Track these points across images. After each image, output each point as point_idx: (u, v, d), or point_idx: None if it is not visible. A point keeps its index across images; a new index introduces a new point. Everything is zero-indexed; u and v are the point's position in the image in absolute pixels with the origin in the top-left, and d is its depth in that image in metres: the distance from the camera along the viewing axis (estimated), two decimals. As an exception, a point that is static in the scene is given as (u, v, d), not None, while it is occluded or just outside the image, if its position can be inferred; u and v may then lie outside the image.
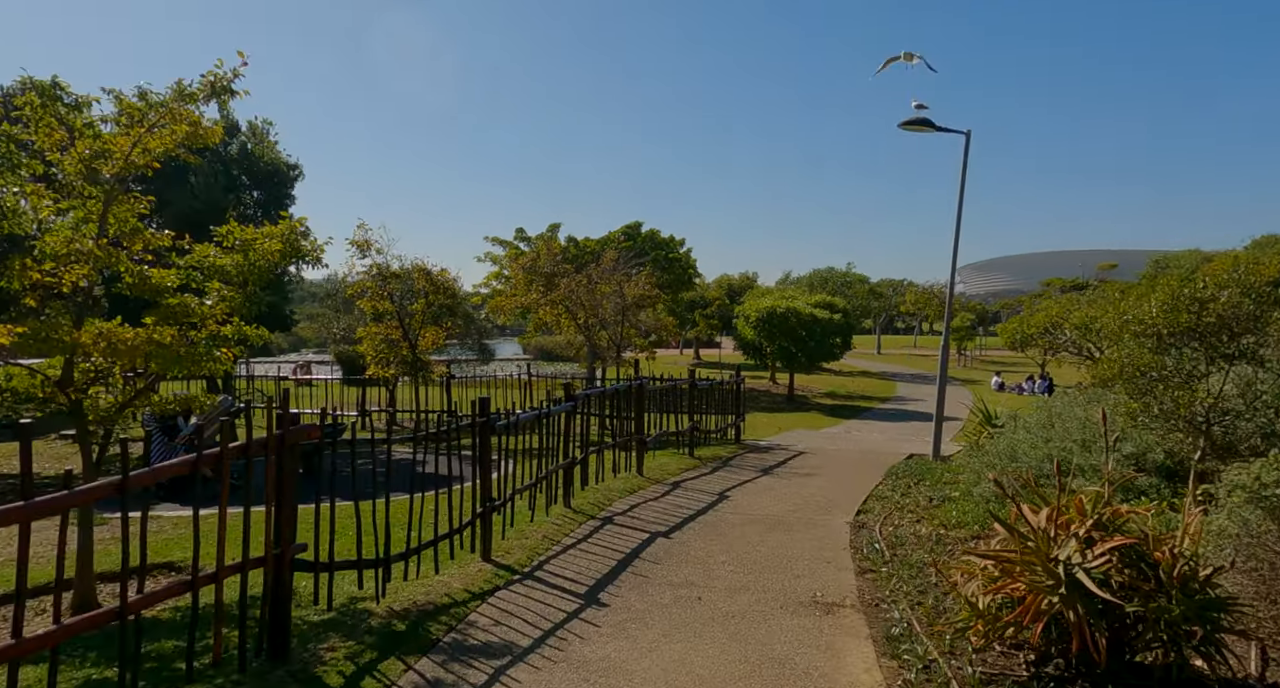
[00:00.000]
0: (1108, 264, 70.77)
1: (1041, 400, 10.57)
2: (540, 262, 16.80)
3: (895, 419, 21.28)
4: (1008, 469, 8.26)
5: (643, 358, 20.36)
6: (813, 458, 12.90)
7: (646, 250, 28.60)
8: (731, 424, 14.53)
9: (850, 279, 52.43)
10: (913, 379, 37.10)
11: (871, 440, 16.08)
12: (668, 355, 54.11)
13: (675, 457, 12.35)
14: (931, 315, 54.43)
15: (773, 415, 21.62)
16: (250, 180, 12.87)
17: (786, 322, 23.46)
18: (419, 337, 14.89)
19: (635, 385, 10.59)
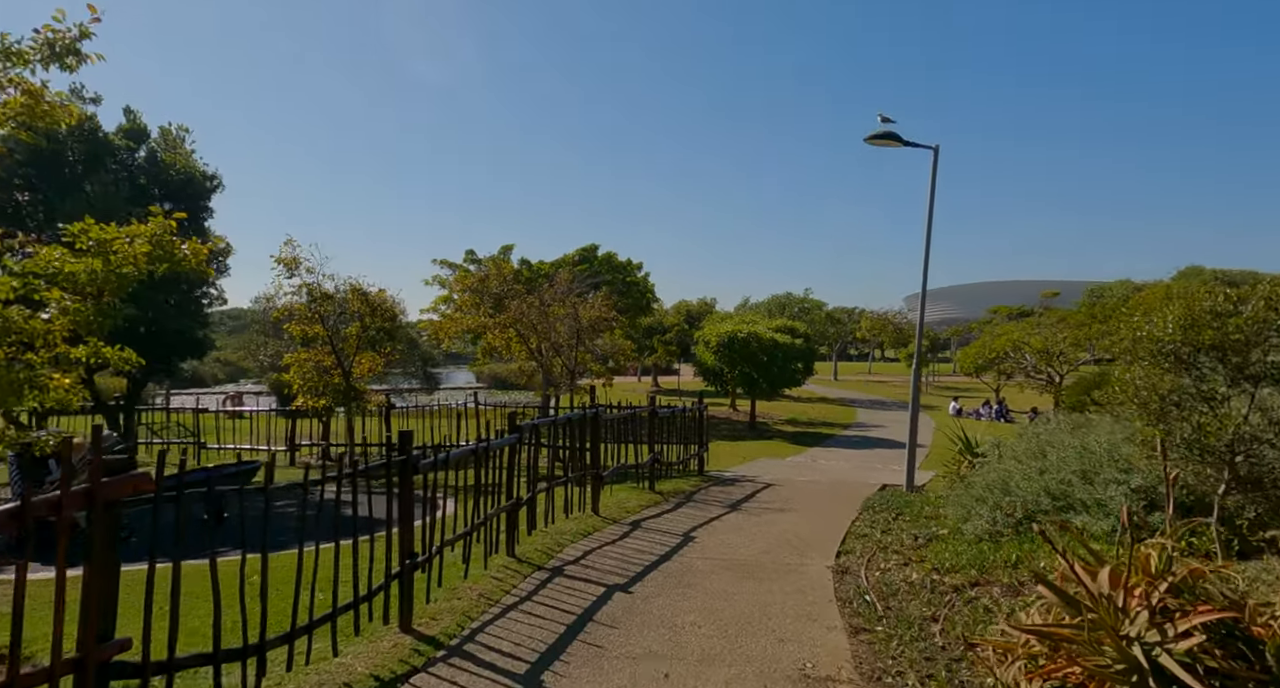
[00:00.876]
0: (1051, 292, 72.39)
1: (1024, 427, 9.88)
2: (490, 282, 15.79)
3: (859, 447, 20.61)
4: (1000, 504, 7.47)
5: (599, 385, 19.39)
6: (782, 490, 12.02)
7: (603, 274, 27.74)
8: (694, 455, 13.61)
9: (808, 305, 52.34)
10: (871, 405, 36.79)
11: (839, 470, 15.31)
12: (626, 383, 53.09)
13: (635, 492, 11.35)
14: (886, 342, 54.65)
15: (735, 444, 20.76)
16: (160, 191, 11.67)
17: (748, 347, 22.74)
18: (354, 363, 13.69)
19: (590, 414, 9.61)
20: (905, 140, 11.70)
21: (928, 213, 11.83)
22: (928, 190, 11.83)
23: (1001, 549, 6.83)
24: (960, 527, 7.89)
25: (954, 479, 9.86)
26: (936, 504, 9.94)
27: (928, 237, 11.87)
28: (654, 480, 11.67)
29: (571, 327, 14.11)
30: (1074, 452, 7.36)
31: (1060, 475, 7.08)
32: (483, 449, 6.57)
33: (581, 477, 9.34)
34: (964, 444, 10.00)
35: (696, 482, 12.79)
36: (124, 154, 12.02)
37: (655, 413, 11.62)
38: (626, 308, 29.17)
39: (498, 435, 7.28)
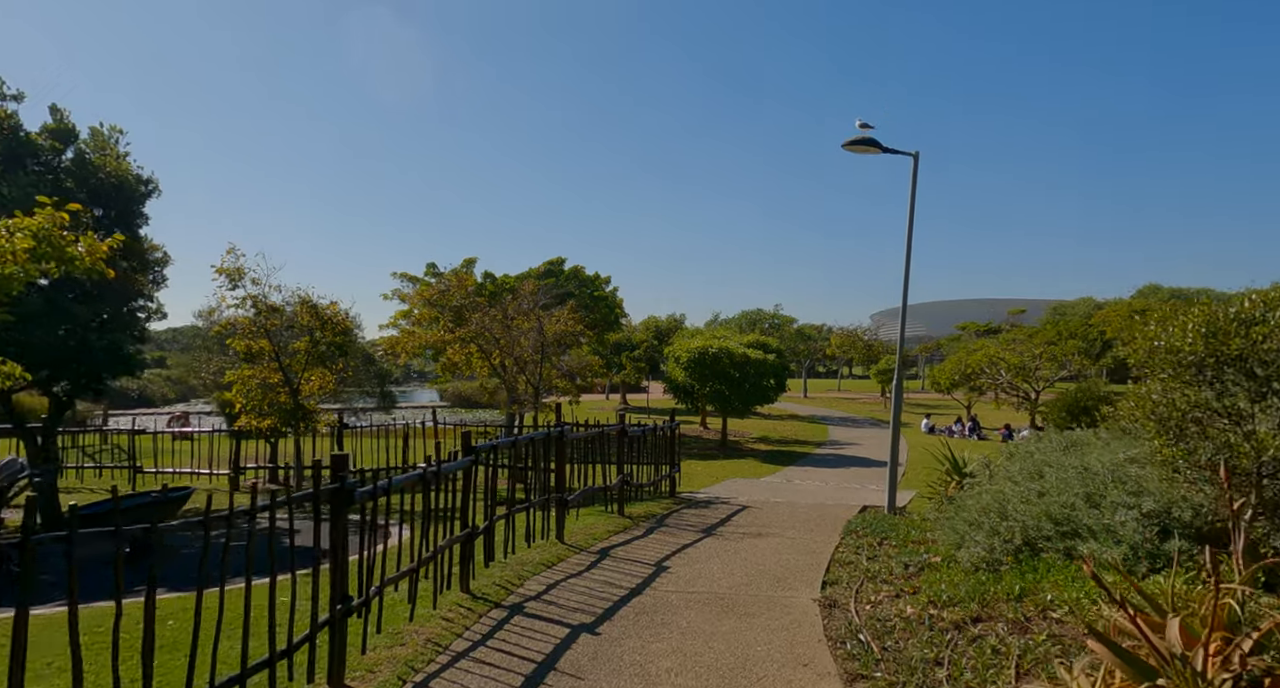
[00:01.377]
0: (1017, 310, 73.41)
1: (1014, 445, 9.39)
2: (451, 296, 15.01)
3: (835, 465, 20.11)
4: (998, 529, 6.92)
5: (566, 402, 18.64)
6: (758, 513, 11.39)
7: (570, 287, 27.07)
8: (666, 476, 12.94)
9: (778, 320, 52.13)
10: (842, 422, 36.47)
11: (816, 491, 14.74)
12: (593, 400, 52.27)
13: (603, 516, 10.64)
14: (856, 358, 54.70)
15: (707, 463, 20.13)
16: (87, 194, 10.74)
17: (719, 363, 22.19)
18: (302, 380, 12.80)
19: (554, 434, 8.91)
20: (885, 147, 11.30)
21: (908, 221, 11.41)
22: (908, 198, 11.42)
23: (1002, 580, 6.26)
24: (954, 554, 7.32)
25: (941, 501, 9.32)
26: (924, 528, 9.40)
27: (908, 246, 11.43)
28: (623, 504, 10.98)
29: (536, 341, 13.38)
30: (1075, 473, 6.85)
31: (1063, 498, 6.55)
32: (431, 474, 5.84)
33: (545, 501, 8.61)
34: (951, 464, 9.49)
35: (668, 504, 12.12)
36: (48, 155, 11.07)
37: (625, 432, 10.95)
38: (594, 323, 28.50)
39: (450, 458, 6.55)
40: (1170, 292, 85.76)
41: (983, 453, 10.47)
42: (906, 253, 11.44)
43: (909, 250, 11.45)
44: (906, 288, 11.50)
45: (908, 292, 11.52)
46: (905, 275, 11.41)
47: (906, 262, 11.44)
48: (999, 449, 10.73)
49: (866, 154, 11.55)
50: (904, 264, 11.44)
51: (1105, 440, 7.73)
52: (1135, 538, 5.71)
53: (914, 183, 11.43)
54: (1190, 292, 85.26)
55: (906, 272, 11.41)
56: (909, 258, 11.45)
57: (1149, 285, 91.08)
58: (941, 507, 9.15)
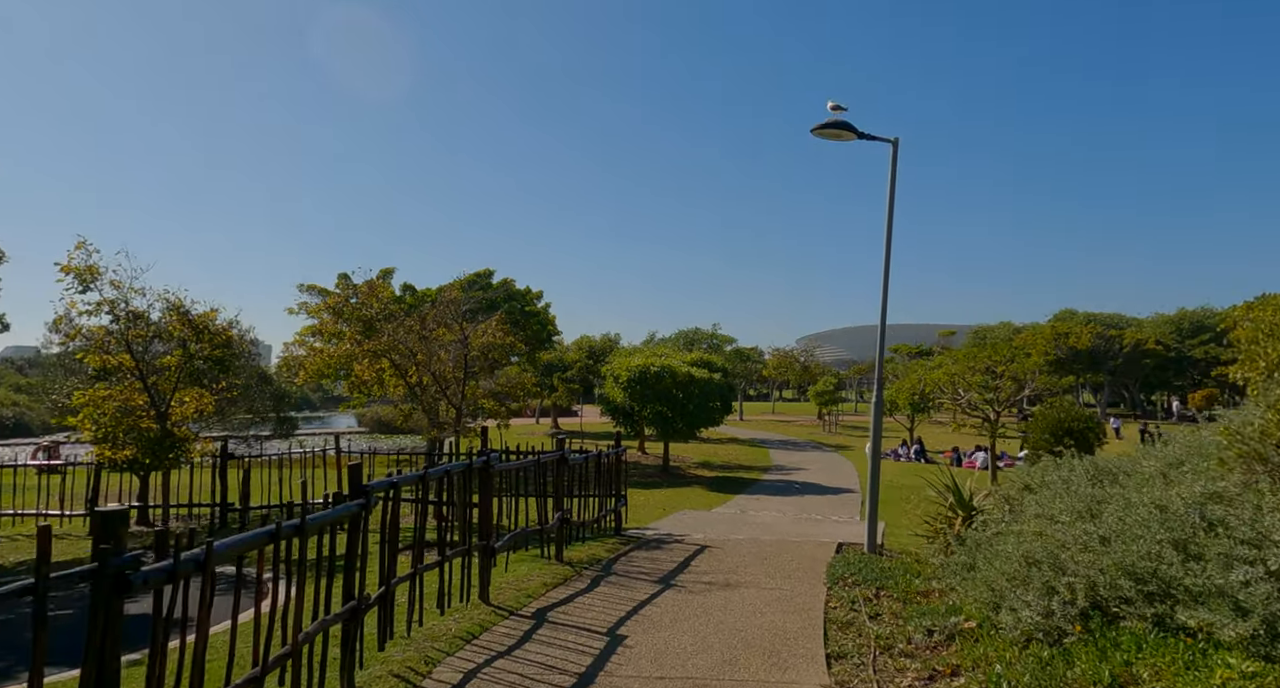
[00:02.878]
0: (948, 331, 74.72)
1: (1028, 475, 7.98)
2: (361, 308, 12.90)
3: (786, 493, 18.65)
4: (1054, 586, 5.40)
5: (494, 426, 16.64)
6: (721, 555, 9.71)
7: (499, 302, 25.09)
8: (610, 510, 11.13)
9: (717, 340, 50.96)
10: (783, 446, 35.37)
11: (776, 523, 13.17)
12: (522, 425, 49.83)
13: (538, 564, 8.75)
14: (792, 380, 54.00)
15: (650, 492, 18.37)
16: None
17: (661, 382, 20.55)
18: (172, 402, 10.49)
19: (478, 464, 7.04)
20: (860, 132, 9.96)
21: (888, 215, 10.07)
22: (887, 189, 10.07)
23: (1076, 661, 4.71)
24: (991, 617, 5.77)
25: (944, 541, 7.82)
26: (925, 574, 7.88)
27: (887, 243, 10.08)
28: (562, 547, 9.12)
29: (458, 355, 11.43)
30: (1148, 512, 5.39)
31: (1140, 547, 5.07)
32: (289, 531, 3.93)
33: (465, 551, 6.71)
34: (955, 497, 8.02)
35: (615, 545, 10.31)
36: None
37: (565, 459, 9.13)
38: (526, 340, 26.58)
39: (326, 503, 4.64)
40: (1085, 316, 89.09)
41: (975, 484, 9.06)
42: (886, 250, 10.08)
43: (888, 248, 10.10)
44: (886, 285, 10.12)
45: (887, 291, 10.13)
46: (885, 272, 10.05)
47: (886, 260, 10.08)
48: (976, 476, 9.34)
49: (838, 141, 10.19)
50: (883, 262, 10.08)
51: (1159, 471, 6.36)
52: (1270, 608, 4.24)
53: (894, 172, 10.11)
54: (1104, 316, 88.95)
55: (886, 269, 10.05)
56: (888, 257, 10.10)
57: (1065, 310, 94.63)
58: (948, 549, 7.64)
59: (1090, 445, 12.41)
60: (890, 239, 10.11)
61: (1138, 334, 73.02)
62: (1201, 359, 73.88)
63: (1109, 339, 64.83)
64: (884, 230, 10.12)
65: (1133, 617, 4.91)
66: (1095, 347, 67.58)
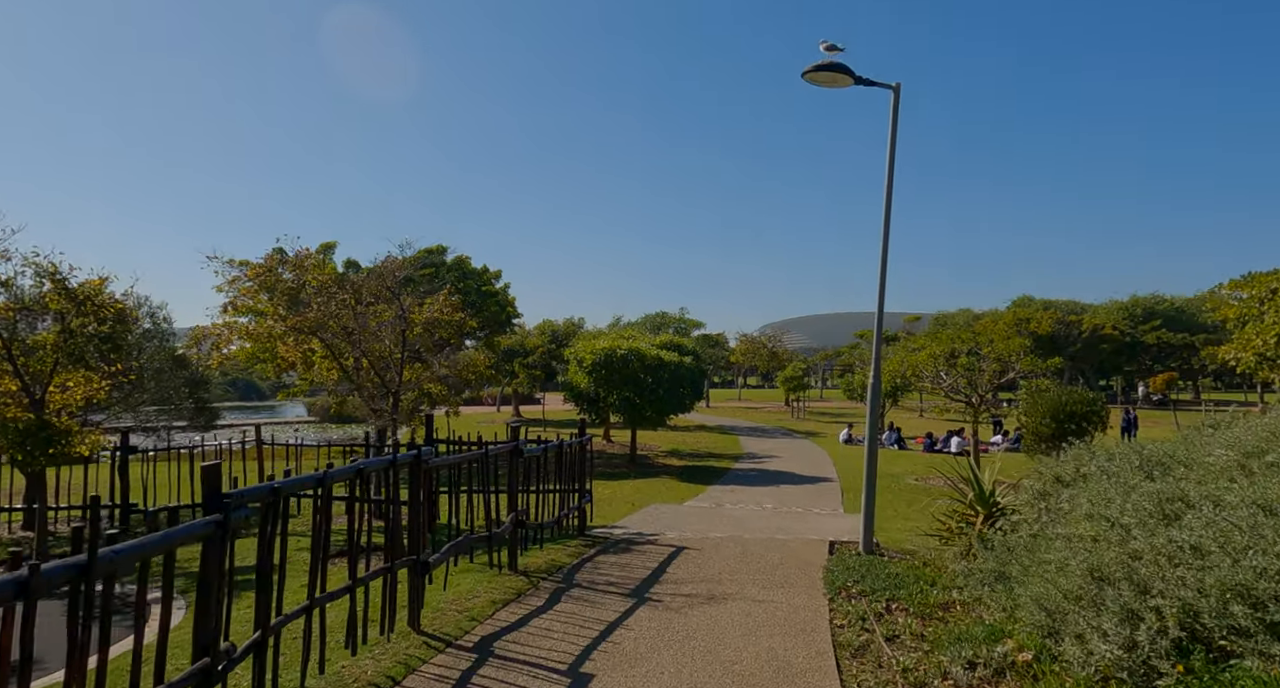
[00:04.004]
0: (913, 317, 74.62)
1: (1059, 467, 6.87)
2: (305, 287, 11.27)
3: (761, 483, 17.54)
4: (1135, 608, 4.25)
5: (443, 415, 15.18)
6: (699, 558, 8.49)
7: (453, 280, 23.43)
8: (574, 508, 9.83)
9: (685, 325, 49.73)
10: (753, 433, 34.38)
11: (756, 518, 12.01)
12: (482, 413, 48.20)
13: (486, 576, 7.42)
14: (761, 367, 53.15)
15: (618, 484, 17.11)
16: None
17: (629, 366, 19.25)
18: (50, 387, 8.86)
19: (406, 459, 5.67)
20: (859, 77, 8.73)
21: (888, 170, 8.87)
22: (887, 140, 8.87)
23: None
24: (1048, 646, 4.61)
25: (966, 544, 6.66)
26: (943, 582, 6.74)
27: (887, 201, 8.89)
28: (517, 553, 7.80)
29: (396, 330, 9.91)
30: (1251, 515, 4.26)
31: (1254, 561, 3.93)
32: (62, 575, 2.53)
33: (387, 570, 5.35)
34: (975, 490, 6.87)
35: (578, 548, 9.02)
36: None
37: (519, 451, 7.78)
38: (484, 323, 25.06)
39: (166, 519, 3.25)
40: (1042, 303, 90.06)
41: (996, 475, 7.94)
42: (886, 209, 8.90)
43: (888, 207, 8.91)
44: (886, 251, 8.94)
45: (886, 257, 8.96)
46: (884, 235, 8.87)
47: (886, 219, 8.90)
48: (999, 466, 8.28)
49: (833, 87, 8.95)
50: (882, 223, 8.90)
51: (1235, 462, 5.25)
52: None
53: (894, 122, 8.92)
54: (1060, 303, 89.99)
55: (886, 231, 8.87)
56: (888, 217, 8.92)
57: (1023, 296, 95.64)
58: (969, 553, 6.49)
59: (1086, 431, 11.50)
60: (890, 200, 8.92)
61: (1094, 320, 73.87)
62: (1154, 345, 75.08)
63: (1069, 324, 65.28)
64: (884, 189, 8.93)
65: (1252, 654, 3.78)
66: (1056, 332, 68.11)
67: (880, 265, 8.97)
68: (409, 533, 5.66)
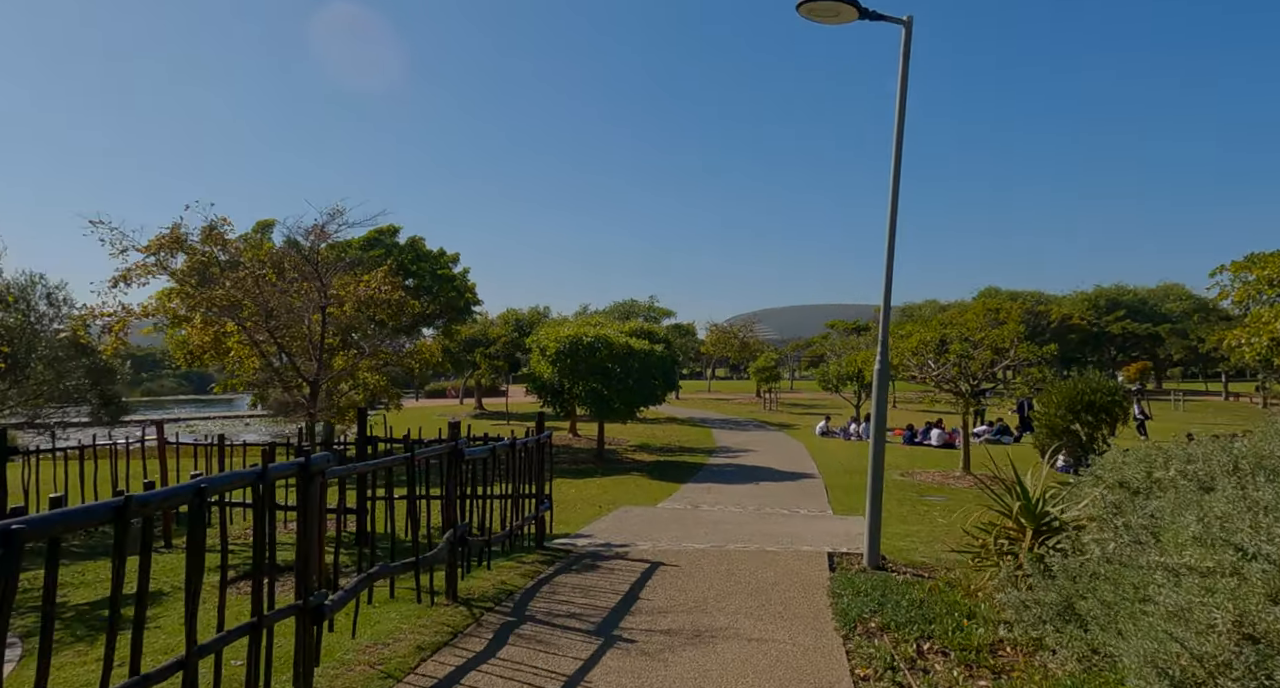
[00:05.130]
0: (883, 307, 73.84)
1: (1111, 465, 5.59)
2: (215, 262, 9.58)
3: (739, 480, 16.25)
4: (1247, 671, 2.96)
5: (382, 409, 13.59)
6: (679, 577, 7.13)
7: (406, 263, 21.71)
8: (531, 516, 8.40)
9: (655, 313, 48.24)
10: (725, 425, 33.20)
11: (737, 522, 10.70)
12: (443, 406, 46.39)
13: (412, 611, 5.96)
14: (733, 357, 52.03)
15: (583, 483, 15.70)
16: None
17: (595, 355, 17.81)
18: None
19: (293, 469, 4.19)
20: (865, 9, 7.39)
21: (898, 110, 7.55)
22: (898, 77, 7.55)
23: None
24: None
25: (1011, 566, 5.37)
26: (983, 611, 5.45)
27: (898, 137, 7.57)
28: (455, 579, 6.35)
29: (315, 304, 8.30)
30: None
31: None
32: None
33: (253, 626, 3.86)
34: (1023, 501, 5.59)
35: (535, 565, 7.61)
36: None
37: (459, 453, 6.32)
38: (440, 311, 23.40)
39: None
40: (1009, 294, 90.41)
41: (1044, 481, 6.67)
42: (896, 153, 7.58)
43: (899, 147, 7.60)
44: (894, 217, 7.63)
45: (895, 218, 7.65)
46: (893, 191, 7.57)
47: (895, 177, 7.60)
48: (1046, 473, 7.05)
49: (835, 23, 7.60)
50: (890, 179, 7.59)
51: None
52: None
53: (905, 61, 7.59)
54: (1024, 294, 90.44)
55: (895, 185, 7.56)
56: (899, 156, 7.61)
57: (989, 287, 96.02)
58: (1018, 579, 5.20)
59: (1105, 421, 10.40)
60: (900, 146, 7.60)
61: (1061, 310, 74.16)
62: (1119, 335, 75.70)
63: (1038, 315, 65.27)
64: (893, 136, 7.61)
65: None
66: (1025, 322, 68.13)
67: (889, 231, 7.65)
68: (296, 570, 4.19)
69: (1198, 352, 56.96)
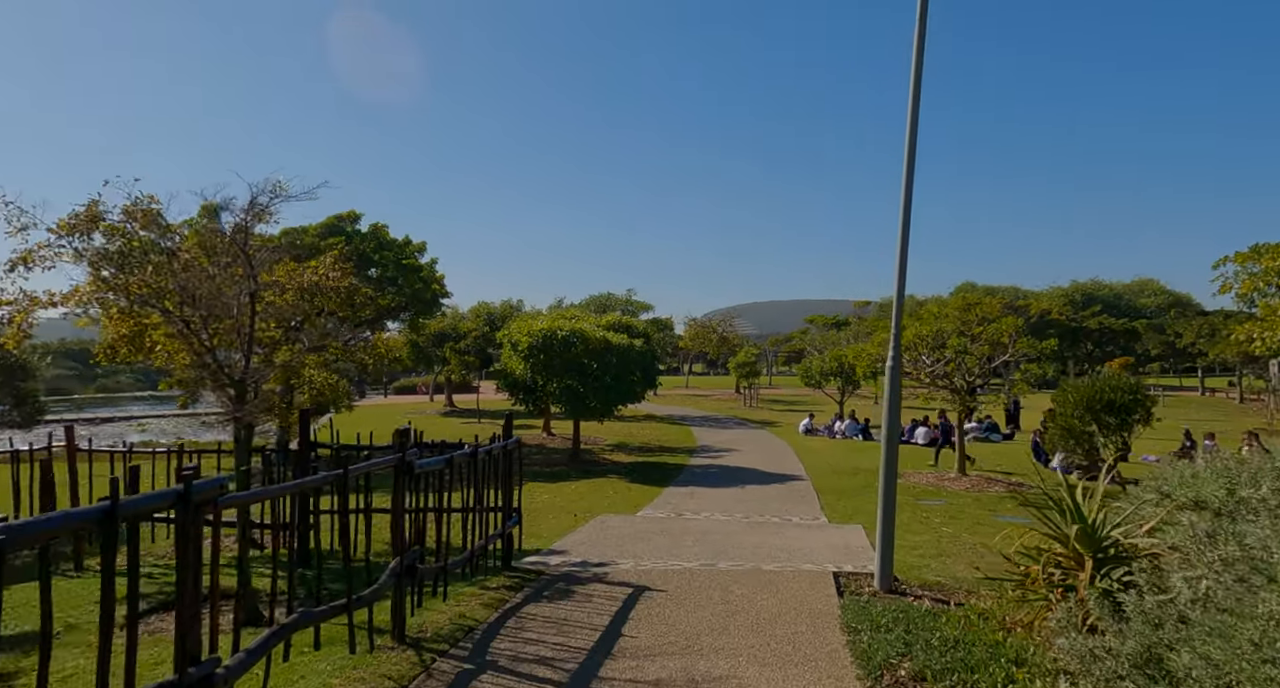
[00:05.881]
0: (862, 302, 73.74)
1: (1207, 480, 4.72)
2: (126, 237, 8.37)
3: (724, 483, 15.35)
4: None
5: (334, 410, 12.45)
6: (667, 606, 6.18)
7: (368, 253, 20.48)
8: (497, 534, 7.38)
9: (633, 307, 47.13)
10: (705, 423, 32.34)
11: (726, 533, 9.78)
12: (413, 403, 45.02)
13: (346, 662, 4.93)
14: (712, 353, 51.18)
15: (557, 487, 14.70)
16: None
17: (571, 349, 16.78)
18: None
19: (175, 497, 3.15)
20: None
21: (915, 55, 6.64)
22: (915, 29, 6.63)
23: None
24: None
25: (1062, 603, 4.48)
26: (1034, 657, 4.55)
27: (917, 78, 6.66)
28: (403, 617, 5.33)
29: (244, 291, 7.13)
30: None
31: None
32: None
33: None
34: (1079, 523, 4.67)
35: (500, 592, 6.61)
36: None
37: (409, 467, 5.29)
38: (406, 303, 22.20)
39: None
40: (985, 289, 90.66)
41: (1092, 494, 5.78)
42: (913, 104, 6.68)
43: (916, 95, 6.70)
44: (912, 162, 6.72)
45: (913, 172, 6.74)
46: (911, 136, 6.66)
47: (913, 120, 6.69)
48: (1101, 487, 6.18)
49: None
50: (905, 149, 6.68)
51: None
52: None
53: (923, 19, 6.65)
54: (1001, 289, 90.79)
55: (912, 134, 6.66)
56: (916, 108, 6.71)
57: (965, 282, 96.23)
58: (1083, 621, 4.32)
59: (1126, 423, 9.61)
60: (919, 94, 6.69)
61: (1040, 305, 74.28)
62: (1096, 330, 76.12)
63: (1017, 309, 65.21)
64: (908, 102, 6.69)
65: None
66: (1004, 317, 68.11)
67: (902, 208, 6.74)
68: (176, 630, 3.17)
69: (1175, 347, 57.12)
